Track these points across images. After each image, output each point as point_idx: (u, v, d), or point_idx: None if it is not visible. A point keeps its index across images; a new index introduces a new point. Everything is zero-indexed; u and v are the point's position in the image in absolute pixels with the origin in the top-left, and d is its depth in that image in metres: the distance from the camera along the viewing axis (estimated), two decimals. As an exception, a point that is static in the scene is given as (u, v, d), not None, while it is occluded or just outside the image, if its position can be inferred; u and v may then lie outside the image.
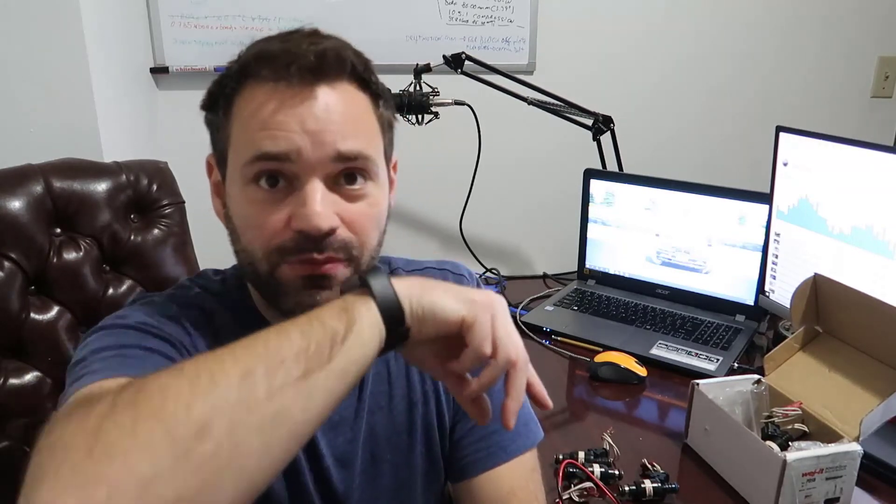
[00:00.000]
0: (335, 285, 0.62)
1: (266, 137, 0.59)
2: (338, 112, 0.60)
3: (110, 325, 0.63)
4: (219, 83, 0.65)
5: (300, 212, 0.59)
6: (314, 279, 0.61)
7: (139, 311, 0.65)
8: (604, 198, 1.56)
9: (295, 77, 0.59)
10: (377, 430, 0.73)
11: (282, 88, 0.59)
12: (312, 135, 0.59)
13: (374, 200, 0.64)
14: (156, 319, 0.64)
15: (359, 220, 0.63)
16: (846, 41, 1.89)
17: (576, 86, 1.60)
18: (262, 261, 0.62)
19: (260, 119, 0.59)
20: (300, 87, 0.59)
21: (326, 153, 0.59)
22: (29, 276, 0.95)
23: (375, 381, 0.73)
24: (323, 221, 0.59)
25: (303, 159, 0.59)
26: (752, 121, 1.88)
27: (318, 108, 0.59)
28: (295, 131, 0.59)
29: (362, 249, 0.63)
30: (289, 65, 0.59)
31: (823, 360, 1.02)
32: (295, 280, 0.61)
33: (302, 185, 0.60)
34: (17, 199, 0.95)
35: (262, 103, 0.60)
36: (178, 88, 1.56)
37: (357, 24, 0.74)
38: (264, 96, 0.60)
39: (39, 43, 1.17)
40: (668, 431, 1.08)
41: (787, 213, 1.28)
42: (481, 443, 0.75)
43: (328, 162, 0.60)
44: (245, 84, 0.62)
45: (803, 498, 0.85)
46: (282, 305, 0.63)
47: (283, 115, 0.59)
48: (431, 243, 1.81)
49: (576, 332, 1.39)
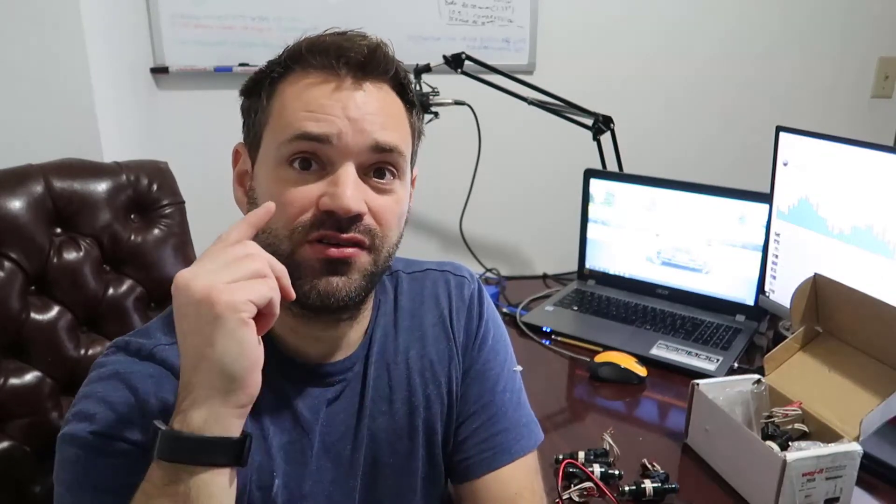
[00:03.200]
0: (354, 272, 0.63)
1: (309, 119, 0.61)
2: (379, 107, 0.63)
3: (79, 443, 0.59)
4: (265, 69, 0.66)
5: (332, 191, 0.60)
6: (333, 263, 0.62)
7: (109, 391, 0.62)
8: (604, 198, 1.56)
9: (343, 69, 0.62)
10: (378, 435, 0.73)
11: (330, 78, 0.62)
12: (353, 122, 0.61)
13: (400, 198, 0.66)
14: (129, 408, 0.61)
15: (385, 213, 0.64)
16: (846, 41, 1.89)
17: (576, 86, 1.59)
18: (285, 239, 0.62)
19: (304, 101, 0.62)
20: (348, 78, 0.62)
21: (365, 141, 0.61)
22: (29, 276, 0.95)
23: (376, 387, 0.73)
24: (353, 204, 0.60)
25: (342, 143, 0.61)
26: (752, 121, 1.88)
27: (362, 100, 0.62)
28: (337, 116, 0.61)
29: (384, 241, 0.64)
30: (339, 57, 0.62)
31: (823, 360, 1.02)
32: (314, 262, 0.62)
33: (336, 168, 0.61)
34: (17, 199, 0.95)
35: (309, 86, 0.62)
36: (178, 88, 1.56)
37: (357, 25, 0.74)
38: (312, 81, 0.62)
39: (39, 43, 1.17)
40: (668, 431, 1.08)
41: (787, 213, 1.28)
42: (485, 444, 0.75)
43: (365, 150, 0.62)
44: (293, 70, 0.64)
45: (803, 498, 0.85)
46: (298, 290, 0.62)
47: (328, 100, 0.61)
48: (431, 243, 1.81)
49: (576, 332, 1.39)
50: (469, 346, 0.77)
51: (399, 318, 0.76)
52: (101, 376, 0.63)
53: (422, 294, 0.78)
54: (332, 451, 0.70)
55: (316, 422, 0.69)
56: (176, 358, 0.64)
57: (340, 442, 0.71)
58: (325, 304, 0.63)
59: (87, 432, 0.59)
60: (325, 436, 0.70)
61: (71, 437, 0.60)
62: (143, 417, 0.60)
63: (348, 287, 0.63)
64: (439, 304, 0.78)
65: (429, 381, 0.75)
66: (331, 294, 0.62)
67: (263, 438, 0.67)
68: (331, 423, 0.70)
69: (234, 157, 0.70)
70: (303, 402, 0.69)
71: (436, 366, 0.75)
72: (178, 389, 0.61)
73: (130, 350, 0.65)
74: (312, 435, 0.69)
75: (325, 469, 0.70)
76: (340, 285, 0.62)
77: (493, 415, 0.76)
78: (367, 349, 0.73)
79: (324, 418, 0.70)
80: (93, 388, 0.62)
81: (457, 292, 0.79)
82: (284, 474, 0.68)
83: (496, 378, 0.78)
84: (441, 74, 1.45)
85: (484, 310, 0.80)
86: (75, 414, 0.61)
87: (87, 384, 0.63)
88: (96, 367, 0.64)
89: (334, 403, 0.71)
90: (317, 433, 0.69)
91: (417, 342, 0.76)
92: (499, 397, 0.77)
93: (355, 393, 0.72)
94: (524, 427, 0.78)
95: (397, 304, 0.77)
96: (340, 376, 0.71)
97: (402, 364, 0.74)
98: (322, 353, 0.70)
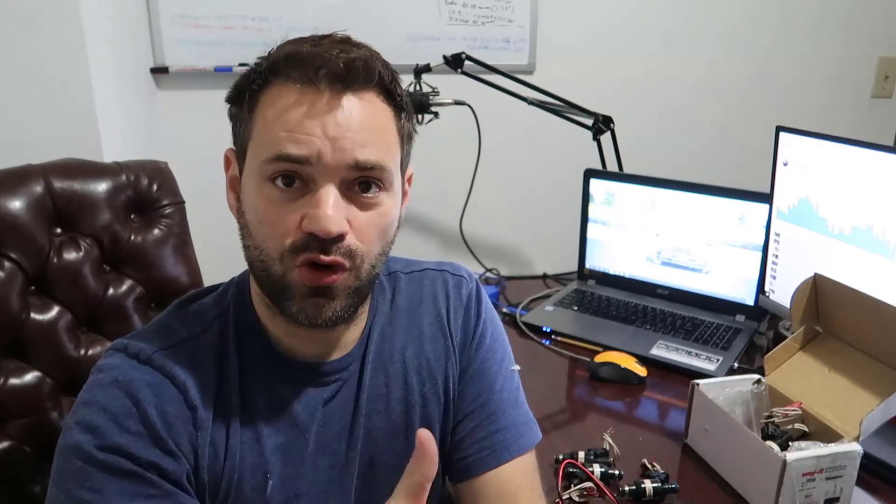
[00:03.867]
0: (338, 295, 0.63)
1: (289, 140, 0.60)
2: (360, 121, 0.61)
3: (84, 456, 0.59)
4: (246, 78, 0.65)
5: (312, 213, 0.60)
6: (319, 289, 0.62)
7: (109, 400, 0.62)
8: (604, 198, 1.56)
9: (322, 82, 0.60)
10: (375, 434, 0.73)
11: (308, 92, 0.60)
12: (333, 140, 0.60)
13: (385, 210, 0.65)
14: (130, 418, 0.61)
15: (367, 229, 0.63)
16: (846, 41, 1.89)
17: (576, 86, 1.60)
18: (276, 262, 0.62)
19: (284, 120, 0.60)
20: (326, 93, 0.60)
21: (344, 160, 0.60)
22: (29, 276, 0.95)
23: (372, 386, 0.73)
24: (333, 225, 0.60)
25: (321, 164, 0.60)
26: (752, 121, 1.88)
27: (342, 116, 0.60)
28: (317, 136, 0.60)
29: (364, 258, 0.64)
30: (318, 69, 0.60)
31: (823, 360, 1.02)
32: (301, 288, 0.62)
33: (317, 187, 0.61)
34: (17, 199, 0.95)
35: (288, 105, 0.61)
36: (178, 88, 1.56)
37: (357, 25, 0.74)
38: (290, 98, 0.61)
39: (39, 43, 1.17)
40: (668, 431, 1.08)
41: (787, 213, 1.28)
42: (484, 442, 0.76)
43: (345, 169, 0.61)
44: (272, 82, 0.63)
45: (803, 498, 0.85)
46: (286, 309, 0.64)
47: (308, 120, 0.60)
48: (431, 243, 1.81)
49: (576, 332, 1.39)
50: (466, 346, 0.78)
51: (396, 318, 0.76)
52: (101, 383, 0.63)
53: (420, 294, 0.78)
54: (327, 451, 0.71)
55: (312, 422, 0.70)
56: (174, 365, 0.65)
57: (336, 441, 0.71)
58: (314, 324, 0.64)
59: (93, 446, 0.59)
60: (321, 435, 0.70)
61: (75, 448, 0.60)
62: (145, 428, 0.61)
63: (334, 309, 0.63)
64: (437, 304, 0.78)
65: (425, 379, 0.75)
66: (318, 316, 0.63)
67: (257, 440, 0.67)
68: (327, 422, 0.71)
69: (226, 163, 0.70)
70: (299, 402, 0.69)
71: (432, 365, 0.76)
72: (176, 398, 0.62)
73: (129, 353, 0.65)
74: (308, 435, 0.69)
75: (322, 468, 0.70)
76: (327, 307, 0.63)
77: (491, 413, 0.76)
78: (363, 349, 0.73)
79: (320, 418, 0.70)
80: (93, 395, 0.62)
81: (454, 292, 0.79)
82: (280, 475, 0.68)
83: (494, 377, 0.78)
84: (441, 74, 1.45)
85: (482, 309, 0.80)
86: (78, 423, 0.61)
87: (87, 390, 0.63)
88: (95, 372, 0.65)
89: (330, 402, 0.71)
90: (313, 433, 0.70)
91: (414, 341, 0.76)
92: (497, 396, 0.77)
93: (351, 392, 0.72)
94: (523, 426, 0.78)
95: (395, 303, 0.77)
96: (336, 375, 0.71)
97: (399, 363, 0.75)
98: (317, 353, 0.70)
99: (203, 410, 0.65)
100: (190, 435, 0.64)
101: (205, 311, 0.70)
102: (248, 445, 0.67)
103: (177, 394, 0.64)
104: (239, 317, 0.70)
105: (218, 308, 0.71)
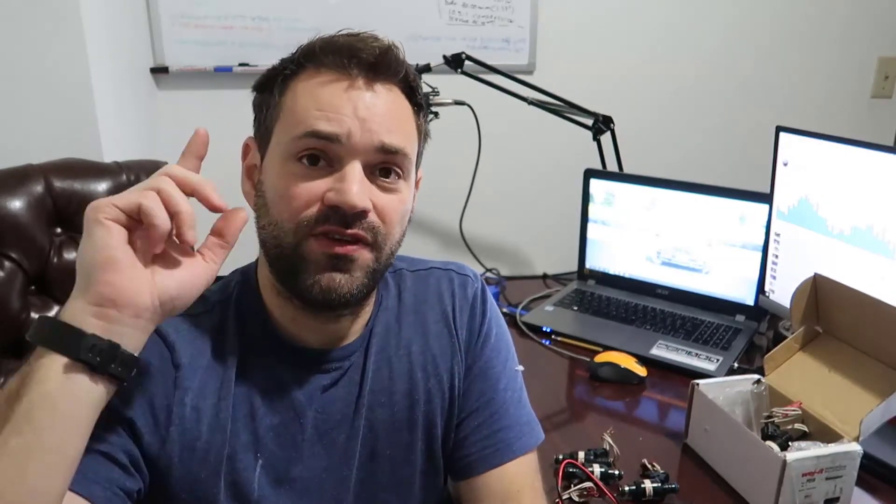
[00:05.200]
0: (356, 269, 0.64)
1: (320, 117, 0.62)
2: (387, 109, 0.64)
3: None
4: (279, 66, 0.68)
5: (339, 186, 0.62)
6: (336, 259, 0.63)
7: None
8: (604, 198, 1.56)
9: (355, 69, 0.63)
10: (377, 427, 0.73)
11: (342, 77, 0.64)
12: (363, 122, 0.62)
13: (404, 197, 0.67)
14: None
15: (389, 211, 0.65)
16: (846, 41, 1.89)
17: (576, 86, 1.60)
18: (290, 232, 0.63)
19: (316, 99, 0.63)
20: (359, 79, 0.64)
21: (372, 141, 0.63)
22: (29, 276, 0.95)
23: (376, 378, 0.73)
24: (359, 200, 0.61)
25: (350, 142, 0.62)
26: (752, 121, 1.88)
27: (371, 100, 0.64)
28: (347, 115, 0.62)
29: (387, 238, 0.66)
30: (352, 57, 0.63)
31: (823, 360, 1.02)
32: (318, 257, 0.63)
33: (343, 165, 0.63)
34: (17, 198, 0.95)
35: (321, 85, 0.64)
36: (178, 88, 1.56)
37: (357, 25, 0.74)
38: (324, 80, 0.64)
39: (39, 43, 1.17)
40: (668, 431, 1.08)
41: (787, 213, 1.29)
42: (487, 440, 0.76)
43: (372, 150, 0.63)
44: (306, 68, 0.65)
45: (803, 498, 0.85)
46: (300, 283, 0.64)
47: (339, 100, 0.63)
48: (431, 243, 1.81)
49: (576, 332, 1.39)
50: (472, 344, 0.78)
51: (402, 314, 0.77)
52: None
53: (425, 291, 0.79)
54: (325, 439, 0.71)
55: (309, 406, 0.70)
56: (168, 328, 0.66)
57: (335, 430, 0.71)
58: (327, 299, 0.64)
59: None
60: (319, 422, 0.71)
61: None
62: None
63: (350, 284, 0.64)
64: (442, 302, 0.78)
65: (430, 375, 0.75)
66: (333, 290, 0.63)
67: (252, 418, 0.68)
68: (326, 410, 0.71)
69: (244, 151, 0.71)
70: (297, 385, 0.70)
71: (438, 361, 0.76)
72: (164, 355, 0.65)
73: None
74: (304, 419, 0.70)
75: (318, 456, 0.71)
76: (343, 282, 0.63)
77: (494, 412, 0.77)
78: (366, 341, 0.74)
79: (318, 404, 0.71)
80: None
81: (460, 291, 0.79)
82: (270, 455, 0.69)
83: (498, 376, 0.78)
84: (441, 74, 1.45)
85: (487, 308, 0.80)
86: None
87: None
88: None
89: (330, 390, 0.71)
90: (309, 418, 0.70)
91: (420, 337, 0.76)
92: (500, 395, 0.77)
93: (353, 383, 0.73)
94: (525, 425, 0.78)
95: (401, 299, 0.78)
96: (337, 364, 0.72)
97: (405, 357, 0.75)
98: (320, 342, 0.71)
99: (188, 371, 0.66)
100: (167, 390, 0.65)
101: (208, 296, 0.71)
102: (242, 423, 0.68)
103: (165, 352, 0.66)
104: (242, 302, 0.71)
105: (221, 294, 0.72)
